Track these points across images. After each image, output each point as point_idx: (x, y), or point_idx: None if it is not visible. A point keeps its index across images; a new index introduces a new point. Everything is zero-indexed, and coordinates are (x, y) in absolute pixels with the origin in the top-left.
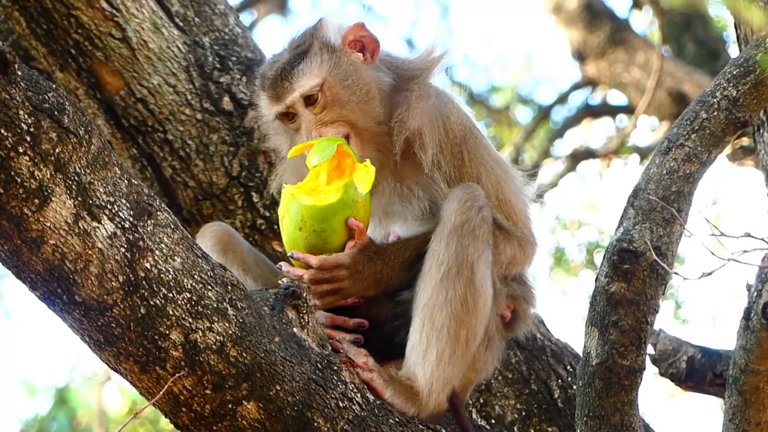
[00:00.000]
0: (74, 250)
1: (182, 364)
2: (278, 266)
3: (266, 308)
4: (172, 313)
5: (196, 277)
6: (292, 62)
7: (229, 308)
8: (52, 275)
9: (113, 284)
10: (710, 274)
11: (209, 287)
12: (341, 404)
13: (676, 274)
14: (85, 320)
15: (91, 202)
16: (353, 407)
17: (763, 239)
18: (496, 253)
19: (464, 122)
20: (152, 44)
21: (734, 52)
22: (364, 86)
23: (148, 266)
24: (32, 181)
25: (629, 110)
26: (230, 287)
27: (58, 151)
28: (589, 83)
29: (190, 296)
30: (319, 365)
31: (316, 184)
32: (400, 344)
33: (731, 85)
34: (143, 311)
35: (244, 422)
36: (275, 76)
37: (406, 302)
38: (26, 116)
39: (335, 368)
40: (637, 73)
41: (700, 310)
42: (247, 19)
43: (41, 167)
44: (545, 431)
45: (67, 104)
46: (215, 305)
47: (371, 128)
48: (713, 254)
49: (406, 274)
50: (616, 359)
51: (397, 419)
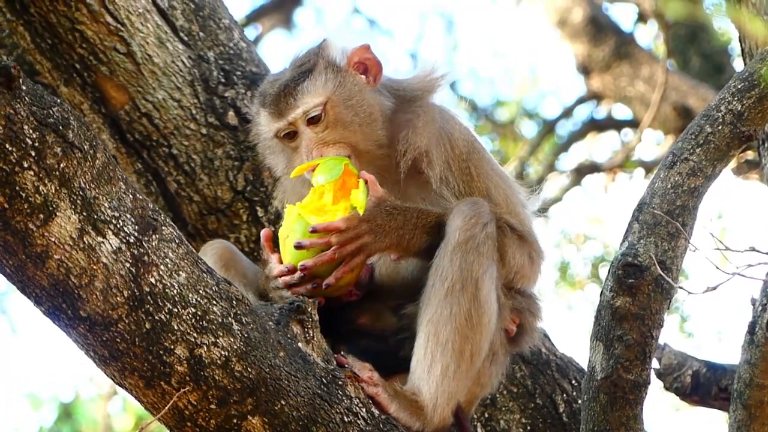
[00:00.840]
0: (79, 265)
1: (187, 379)
2: (297, 244)
3: (271, 323)
4: (177, 328)
5: (201, 292)
6: (296, 80)
7: (234, 323)
8: (56, 290)
9: (118, 299)
10: (715, 288)
11: (214, 302)
12: (346, 419)
13: (680, 288)
14: (89, 335)
15: (95, 216)
16: (358, 422)
17: (767, 253)
18: (505, 258)
19: (467, 137)
20: (157, 59)
21: (739, 65)
22: (367, 108)
23: (153, 281)
24: (37, 196)
25: (634, 124)
26: (235, 302)
27: (62, 165)
28: (594, 97)
29: (195, 311)
30: (324, 380)
31: (322, 203)
32: (404, 358)
33: (736, 99)
34: (148, 326)
35: None
36: (278, 93)
37: (410, 316)
38: (31, 131)
39: (340, 383)
40: (642, 86)
41: (705, 324)
42: (252, 33)
43: (46, 182)
44: None
45: (71, 119)
46: (220, 320)
47: (372, 151)
48: (718, 268)
49: (428, 239)
50: (621, 373)
51: None
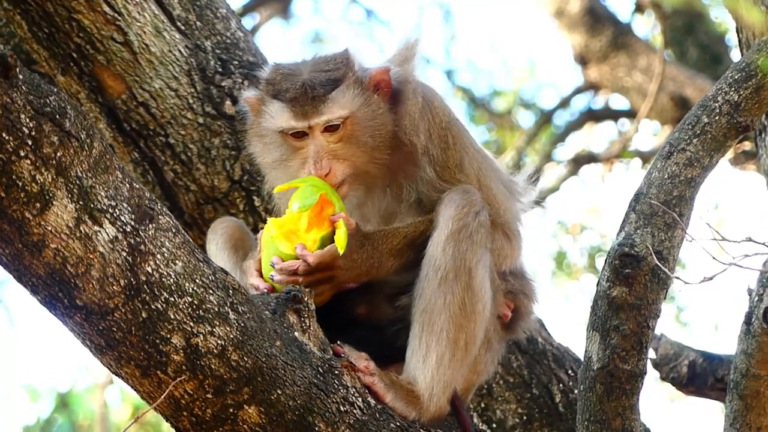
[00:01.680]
0: (75, 254)
1: (183, 368)
2: (271, 262)
3: (267, 312)
4: (173, 317)
5: (197, 281)
6: (324, 85)
7: (230, 312)
8: (53, 279)
9: (114, 288)
10: (711, 278)
11: (210, 291)
12: (342, 408)
13: (677, 278)
14: (86, 324)
15: (92, 206)
16: (354, 411)
17: (764, 244)
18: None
19: (447, 110)
20: (154, 48)
21: (736, 56)
22: (384, 132)
23: (149, 270)
24: (33, 184)
25: (631, 114)
26: (231, 291)
27: (59, 155)
28: (591, 87)
29: (191, 300)
30: (320, 369)
31: (296, 227)
32: (400, 348)
33: (733, 89)
34: (144, 315)
35: (245, 426)
36: (303, 93)
37: (406, 307)
38: (28, 120)
39: (336, 372)
40: (639, 77)
41: (701, 314)
42: (249, 23)
43: (42, 171)
44: None
45: (68, 108)
46: (216, 309)
47: (371, 171)
48: (714, 259)
49: (396, 261)
50: (617, 364)
51: (398, 423)
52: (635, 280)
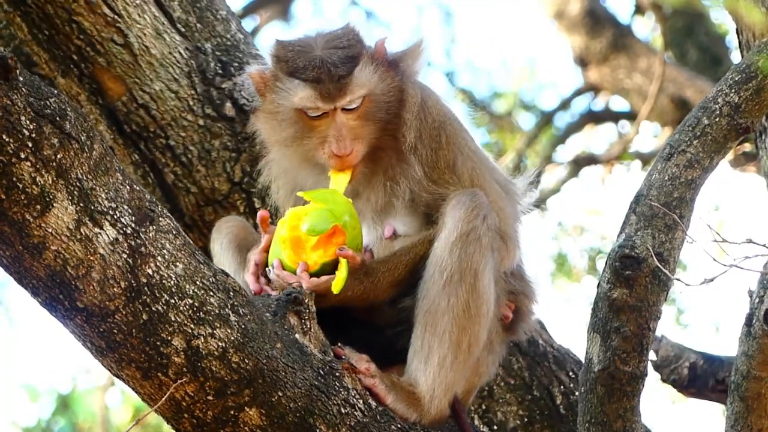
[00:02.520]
0: (76, 256)
1: (184, 370)
2: (268, 269)
3: (268, 314)
4: (174, 319)
5: (198, 283)
6: (345, 63)
7: (231, 314)
8: (53, 281)
9: (115, 290)
10: (712, 280)
11: (211, 293)
12: (343, 410)
13: (678, 280)
14: (87, 326)
15: (92, 208)
16: (355, 413)
17: (765, 245)
18: None
19: (444, 109)
20: (154, 50)
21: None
22: (395, 104)
23: (150, 272)
24: (34, 187)
25: (631, 116)
26: (232, 293)
27: (59, 156)
28: (591, 89)
29: (192, 302)
30: (321, 371)
31: (304, 239)
32: (402, 350)
33: (733, 91)
34: (145, 317)
35: (246, 428)
36: (327, 73)
37: (408, 308)
38: (28, 122)
39: (337, 374)
40: (639, 79)
41: (702, 316)
42: (249, 24)
43: (43, 173)
44: None
45: (68, 110)
46: (217, 311)
47: (382, 145)
48: (715, 260)
49: (395, 290)
50: (618, 365)
51: (399, 425)
52: (636, 281)
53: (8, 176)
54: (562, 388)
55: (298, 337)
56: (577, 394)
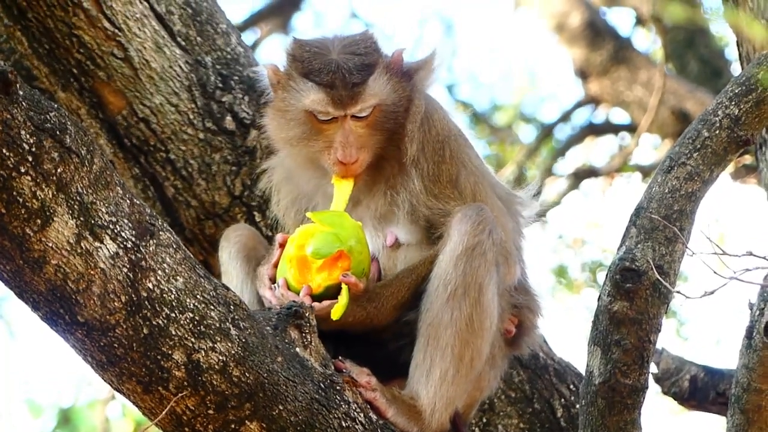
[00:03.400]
0: (76, 270)
1: (185, 384)
2: (274, 286)
3: (269, 328)
4: (174, 333)
5: (198, 296)
6: (360, 71)
7: (231, 328)
8: (54, 295)
9: (116, 304)
10: (712, 293)
11: (212, 307)
12: (344, 424)
13: (678, 293)
14: (87, 340)
15: (93, 222)
16: (356, 427)
17: (765, 258)
18: None
19: (449, 124)
20: (154, 64)
21: (737, 70)
22: (402, 115)
23: (150, 286)
24: (34, 201)
25: (632, 128)
26: (233, 307)
27: (60, 171)
28: (591, 101)
29: (192, 316)
30: (322, 385)
31: (311, 259)
32: (404, 363)
33: (733, 103)
34: (146, 331)
35: None
36: (341, 79)
37: (411, 322)
38: (28, 136)
39: (338, 388)
40: (639, 91)
41: (702, 328)
42: (250, 37)
43: (43, 187)
44: None
45: (69, 124)
46: (218, 325)
47: (385, 154)
48: (715, 273)
49: (397, 312)
50: (618, 378)
51: None
52: (636, 294)
53: (8, 190)
54: (563, 401)
55: (298, 350)
56: (577, 406)
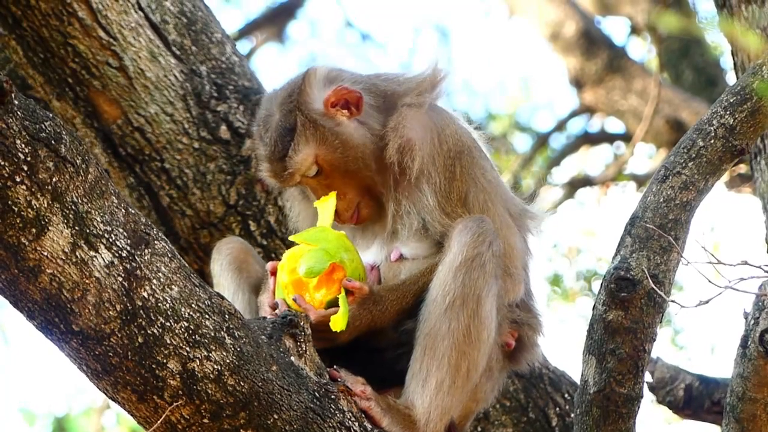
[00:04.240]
0: (71, 279)
1: (180, 393)
2: (275, 302)
3: (264, 337)
4: (169, 342)
5: (193, 305)
6: (283, 137)
7: (226, 337)
8: (49, 304)
9: (111, 313)
10: (707, 302)
11: (207, 316)
12: None
13: (673, 302)
14: (82, 349)
15: (88, 231)
16: None
17: (760, 267)
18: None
19: (462, 138)
20: (149, 73)
21: (731, 79)
22: (355, 146)
23: (145, 295)
24: (29, 210)
25: (627, 138)
26: (228, 316)
27: (55, 180)
28: (586, 110)
29: (187, 325)
30: (316, 394)
31: (306, 280)
32: (401, 371)
33: (728, 112)
34: (141, 340)
35: None
36: (270, 157)
37: (409, 331)
38: (23, 145)
39: (333, 397)
40: (634, 100)
41: (697, 337)
42: (245, 46)
43: (38, 196)
44: None
45: (64, 133)
46: (213, 334)
47: (372, 177)
48: (710, 282)
49: (400, 316)
50: (613, 387)
51: None
52: (631, 303)
53: (3, 200)
54: (557, 410)
55: (293, 359)
56: (572, 416)
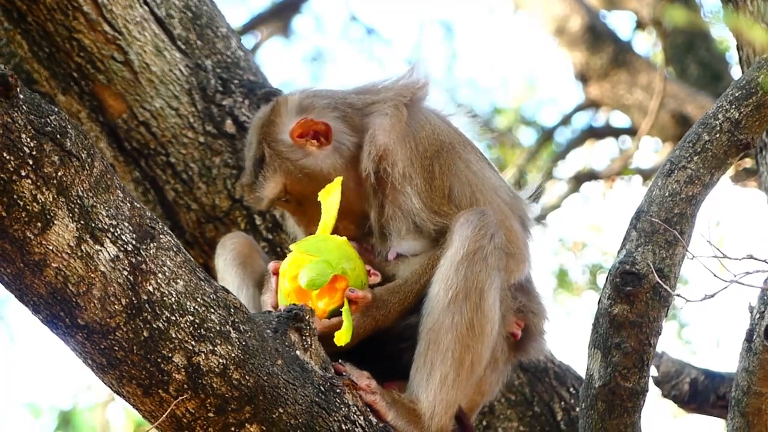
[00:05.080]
0: (77, 273)
1: (185, 387)
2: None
3: (269, 331)
4: (174, 336)
5: (198, 299)
6: (255, 168)
7: (231, 331)
8: (54, 298)
9: (116, 307)
10: (713, 296)
11: (212, 310)
12: (344, 427)
13: (678, 296)
14: (87, 343)
15: (93, 225)
16: (356, 430)
17: (765, 261)
18: None
19: (440, 137)
20: (154, 67)
21: (737, 73)
22: (323, 176)
23: (150, 289)
24: (35, 204)
25: (632, 132)
26: (233, 310)
27: (60, 174)
28: (592, 105)
29: (192, 319)
30: (321, 388)
31: (307, 290)
32: (405, 366)
33: (733, 107)
34: (146, 334)
35: None
36: (246, 181)
37: (413, 325)
38: (29, 140)
39: (338, 391)
40: (639, 94)
41: (703, 331)
42: (250, 41)
43: (44, 190)
44: None
45: (69, 127)
46: (218, 328)
47: (347, 197)
48: (716, 276)
49: (402, 315)
50: (618, 381)
51: None
52: (636, 297)
53: (9, 194)
54: (563, 404)
55: (298, 353)
56: (577, 410)
